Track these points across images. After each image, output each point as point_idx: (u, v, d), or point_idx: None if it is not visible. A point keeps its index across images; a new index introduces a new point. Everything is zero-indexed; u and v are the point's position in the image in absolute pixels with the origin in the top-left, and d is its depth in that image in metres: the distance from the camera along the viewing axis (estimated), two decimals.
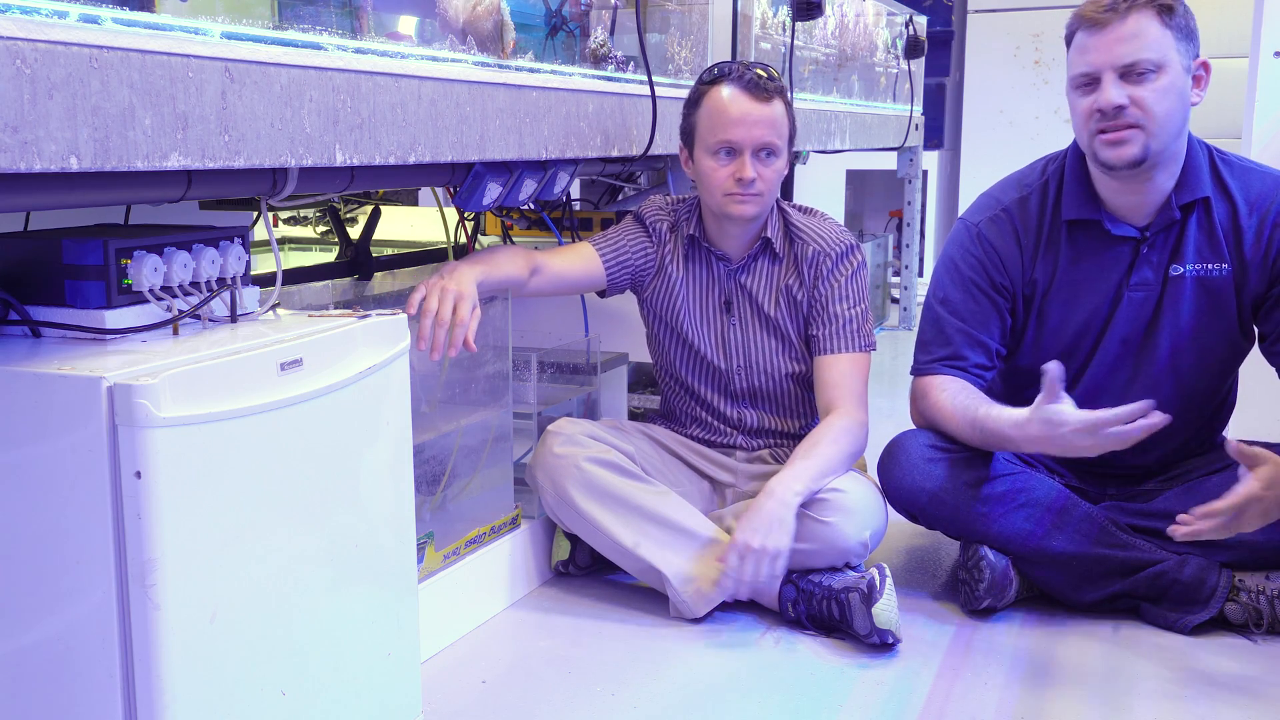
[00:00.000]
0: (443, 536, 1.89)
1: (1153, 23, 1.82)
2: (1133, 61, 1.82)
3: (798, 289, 2.12)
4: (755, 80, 2.01)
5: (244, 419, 1.20)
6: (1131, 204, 1.95)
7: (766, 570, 1.86)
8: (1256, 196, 1.95)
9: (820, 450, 1.96)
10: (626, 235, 2.16)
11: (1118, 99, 1.83)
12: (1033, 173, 2.06)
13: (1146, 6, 1.82)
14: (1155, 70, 1.82)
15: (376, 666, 1.45)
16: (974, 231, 2.05)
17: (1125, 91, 1.83)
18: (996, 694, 1.71)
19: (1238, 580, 1.91)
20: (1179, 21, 1.84)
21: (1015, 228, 2.02)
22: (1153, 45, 1.82)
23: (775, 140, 2.03)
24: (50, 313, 1.29)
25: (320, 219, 2.88)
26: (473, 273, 1.81)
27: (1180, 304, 1.97)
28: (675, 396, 2.25)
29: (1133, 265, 1.97)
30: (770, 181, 2.05)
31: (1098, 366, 2.02)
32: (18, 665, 1.16)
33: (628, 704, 1.67)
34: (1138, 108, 1.83)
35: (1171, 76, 1.83)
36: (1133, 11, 1.82)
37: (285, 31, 1.38)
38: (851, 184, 5.86)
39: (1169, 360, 2.00)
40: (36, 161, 1.02)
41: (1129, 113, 1.83)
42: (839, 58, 3.61)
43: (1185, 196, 1.93)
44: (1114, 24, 1.83)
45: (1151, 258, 1.97)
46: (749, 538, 1.86)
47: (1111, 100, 1.83)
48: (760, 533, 1.86)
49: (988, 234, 2.03)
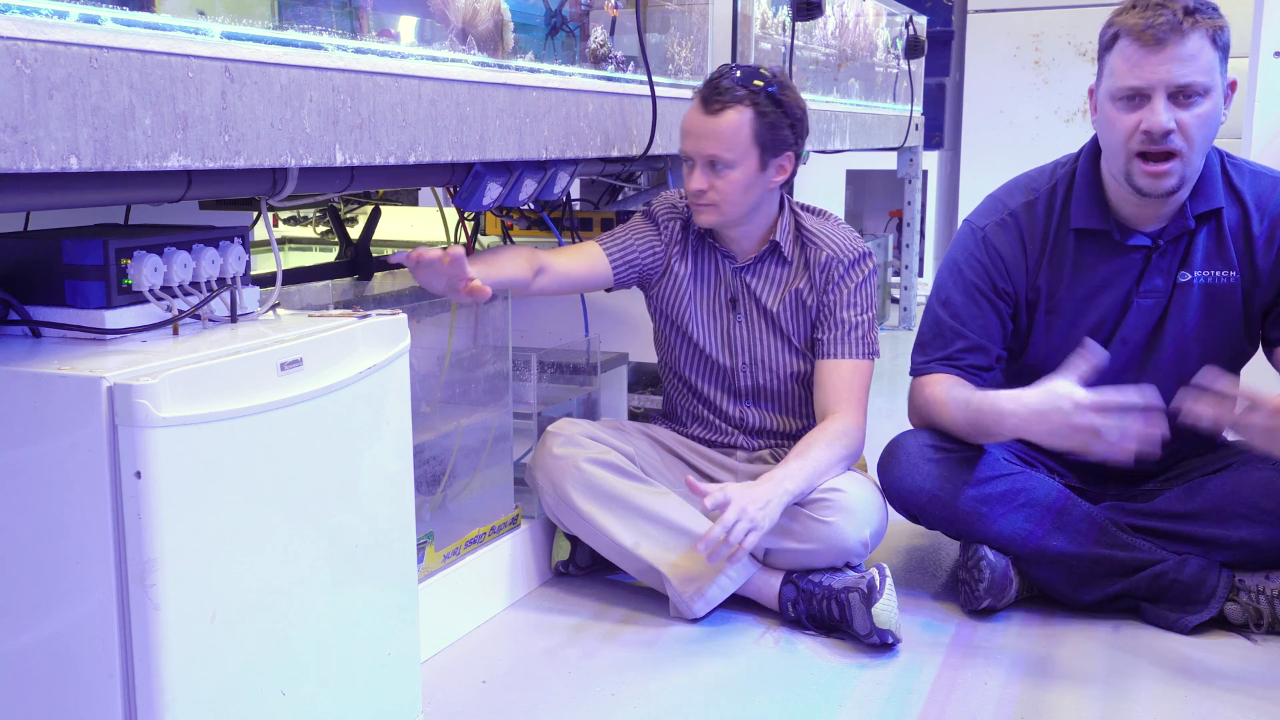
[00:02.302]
0: (443, 536, 1.89)
1: (1208, 45, 1.77)
2: (1188, 84, 1.77)
3: (807, 293, 2.11)
4: (709, 92, 2.01)
5: (244, 419, 1.20)
6: (1143, 214, 1.94)
7: (740, 532, 1.82)
8: (1266, 200, 1.94)
9: (814, 452, 1.96)
10: (635, 234, 2.16)
11: (1168, 123, 1.78)
12: (1041, 177, 2.05)
13: (1204, 26, 1.77)
14: (1204, 95, 1.79)
15: (376, 666, 1.45)
16: (979, 235, 2.04)
17: (1174, 115, 1.79)
18: (996, 694, 1.71)
19: (1238, 580, 1.91)
20: (1224, 41, 1.80)
21: (1021, 233, 2.02)
22: (1206, 69, 1.77)
23: (722, 153, 1.99)
24: (50, 313, 1.29)
25: (320, 219, 2.88)
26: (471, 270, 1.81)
27: (1186, 310, 1.97)
28: (678, 394, 2.25)
29: (1144, 273, 1.96)
30: (725, 192, 2.02)
31: (1102, 377, 2.02)
32: (18, 665, 1.16)
33: (628, 704, 1.67)
34: (1182, 133, 1.79)
35: (1214, 100, 1.80)
36: (1195, 30, 1.76)
37: (285, 31, 1.38)
38: (851, 184, 5.86)
39: (1172, 364, 1.99)
40: (36, 161, 1.02)
41: (1173, 139, 1.79)
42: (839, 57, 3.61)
43: (1201, 206, 1.92)
44: (1174, 43, 1.76)
45: (1162, 265, 1.96)
46: (746, 503, 1.83)
47: (1163, 124, 1.78)
48: (755, 502, 1.84)
49: (993, 238, 2.03)
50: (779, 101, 2.02)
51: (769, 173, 2.05)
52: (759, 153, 2.02)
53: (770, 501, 1.86)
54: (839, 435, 2.00)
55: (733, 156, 2.00)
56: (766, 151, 2.02)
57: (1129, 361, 2.01)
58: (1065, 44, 5.56)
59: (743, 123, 1.99)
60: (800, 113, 2.06)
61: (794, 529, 1.93)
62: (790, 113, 2.04)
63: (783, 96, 2.02)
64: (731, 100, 1.99)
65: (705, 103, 2.01)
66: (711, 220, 2.07)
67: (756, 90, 2.00)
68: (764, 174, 2.04)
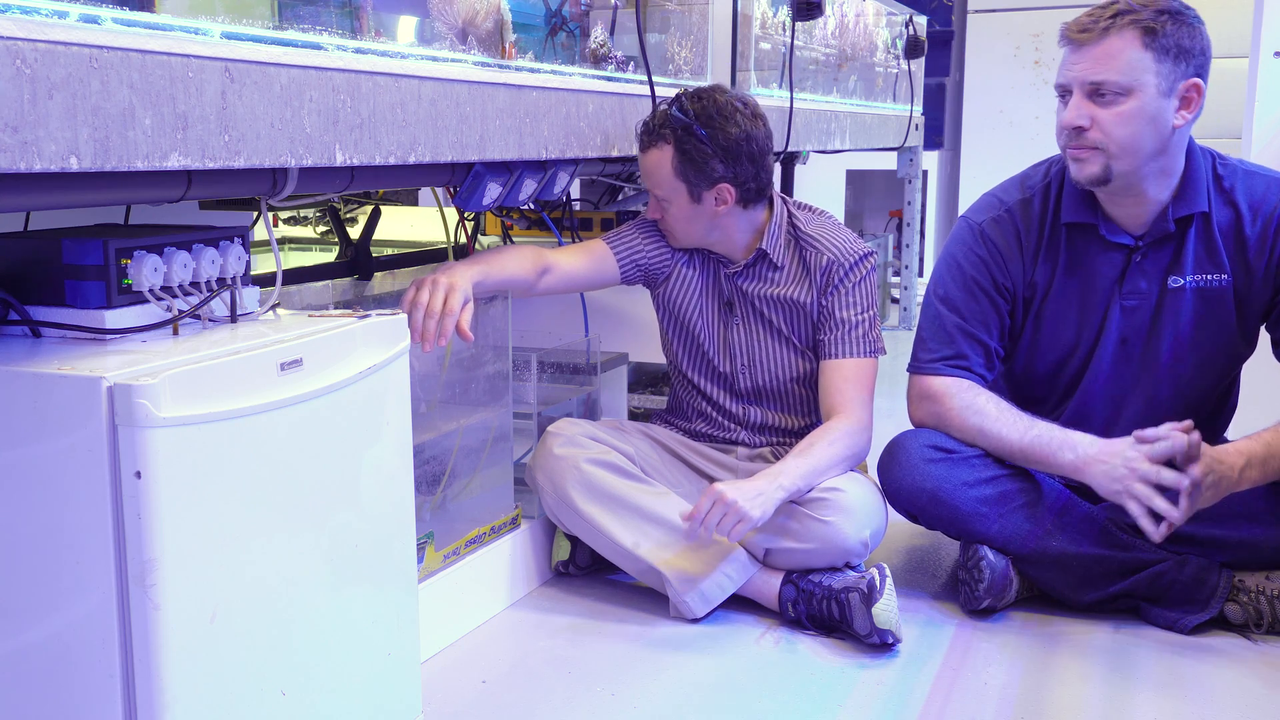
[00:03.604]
0: (443, 536, 1.89)
1: (1133, 44, 1.80)
2: (1098, 81, 1.82)
3: (806, 296, 2.11)
4: (640, 128, 2.07)
5: (244, 419, 1.20)
6: (1125, 214, 1.95)
7: (728, 526, 1.83)
8: (1260, 201, 1.94)
9: (815, 450, 1.96)
10: (641, 233, 2.16)
11: (1077, 120, 1.84)
12: (1036, 174, 2.06)
13: (1130, 27, 1.80)
14: (1123, 94, 1.81)
15: (376, 666, 1.45)
16: (977, 230, 2.05)
17: (1088, 112, 1.84)
18: (996, 694, 1.71)
19: (1238, 580, 1.91)
20: (1165, 42, 1.80)
21: (1018, 228, 2.02)
22: (1124, 68, 1.80)
23: (654, 189, 2.07)
24: (50, 313, 1.29)
25: (320, 219, 2.88)
26: (470, 271, 1.81)
27: (1180, 314, 1.97)
28: (683, 390, 2.25)
29: (1125, 273, 1.97)
30: (671, 225, 2.11)
31: (1094, 373, 2.02)
32: (18, 665, 1.16)
33: (628, 704, 1.67)
34: (1098, 130, 1.84)
35: (1142, 100, 1.81)
36: (1111, 32, 1.81)
37: (285, 31, 1.38)
38: (851, 184, 5.86)
39: (1168, 368, 2.00)
40: (36, 161, 1.02)
41: (1089, 134, 1.84)
42: (839, 57, 3.61)
43: (1182, 210, 1.93)
44: (1090, 43, 1.82)
45: (1145, 267, 1.97)
46: (727, 489, 1.85)
47: (1071, 120, 1.85)
48: (742, 494, 1.84)
49: (990, 233, 2.03)
50: (704, 136, 2.00)
51: (705, 204, 2.06)
52: (686, 187, 2.04)
53: (762, 494, 1.86)
54: (842, 435, 2.00)
55: (662, 193, 2.06)
56: (694, 185, 2.03)
57: (1122, 365, 2.01)
58: None
59: (663, 160, 2.04)
60: (735, 142, 2.01)
61: (794, 529, 1.93)
62: (718, 144, 2.00)
63: (710, 128, 1.99)
64: (656, 138, 2.04)
65: (638, 139, 2.08)
66: (675, 244, 2.16)
67: (679, 126, 2.01)
68: (700, 205, 2.06)
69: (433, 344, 1.71)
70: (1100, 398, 2.03)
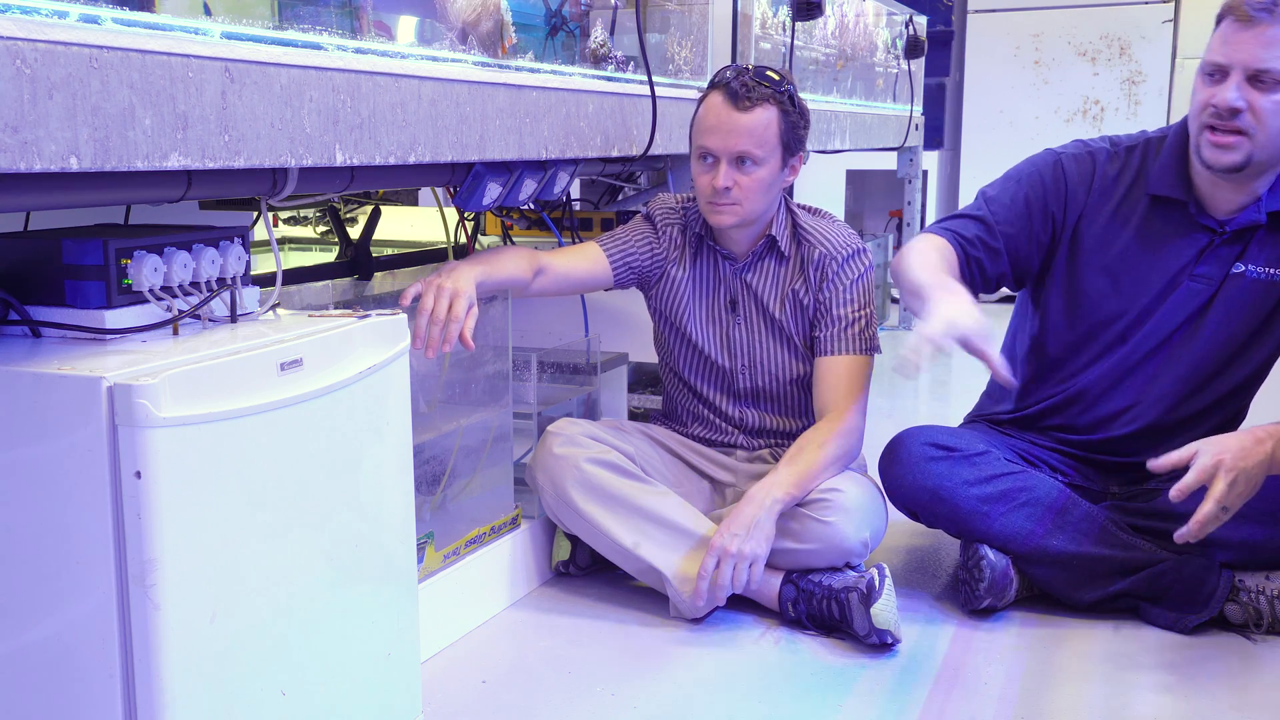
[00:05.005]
0: (443, 536, 1.89)
1: None
2: (1266, 69, 1.78)
3: (803, 291, 2.11)
4: (737, 87, 1.99)
5: (244, 419, 1.20)
6: (1223, 198, 1.94)
7: (742, 576, 1.87)
8: None
9: (805, 455, 1.96)
10: (634, 235, 2.16)
11: (1235, 101, 1.80)
12: (1131, 137, 2.06)
13: None
14: None
15: (376, 666, 1.45)
16: (1053, 158, 2.06)
17: (1245, 97, 1.80)
18: (996, 694, 1.71)
19: (1238, 580, 1.91)
20: None
21: (1094, 174, 2.02)
22: None
23: (752, 149, 1.99)
24: (50, 313, 1.29)
25: (320, 219, 2.88)
26: (472, 272, 1.81)
27: (1231, 303, 1.97)
28: (678, 394, 2.25)
29: (1200, 256, 1.97)
30: (749, 189, 2.01)
31: (1132, 350, 2.01)
32: (18, 665, 1.16)
33: (628, 704, 1.67)
34: (1254, 115, 1.81)
35: None
36: None
37: (285, 31, 1.38)
38: (851, 184, 5.86)
39: (1204, 358, 1.99)
40: (36, 161, 1.02)
41: (1243, 118, 1.81)
42: (839, 57, 3.61)
43: (1276, 204, 1.93)
44: (1263, 25, 1.77)
45: (1220, 252, 1.97)
46: (726, 542, 1.87)
47: (1229, 101, 1.80)
48: (738, 537, 1.86)
49: (1067, 166, 2.04)
50: (796, 102, 2.04)
51: (785, 172, 2.07)
52: (782, 151, 2.04)
53: (759, 523, 1.88)
54: (833, 435, 2.00)
55: (762, 154, 2.01)
56: (788, 150, 2.05)
57: (1161, 349, 2.01)
58: (1065, 44, 5.56)
59: (771, 120, 2.00)
60: (808, 115, 2.09)
61: (794, 529, 1.93)
62: (804, 114, 2.07)
63: (798, 98, 2.06)
64: (760, 98, 2.00)
65: (735, 99, 1.99)
66: (730, 220, 2.05)
67: (781, 90, 2.02)
68: (782, 173, 2.06)
69: (437, 351, 1.71)
70: (1128, 377, 2.02)
